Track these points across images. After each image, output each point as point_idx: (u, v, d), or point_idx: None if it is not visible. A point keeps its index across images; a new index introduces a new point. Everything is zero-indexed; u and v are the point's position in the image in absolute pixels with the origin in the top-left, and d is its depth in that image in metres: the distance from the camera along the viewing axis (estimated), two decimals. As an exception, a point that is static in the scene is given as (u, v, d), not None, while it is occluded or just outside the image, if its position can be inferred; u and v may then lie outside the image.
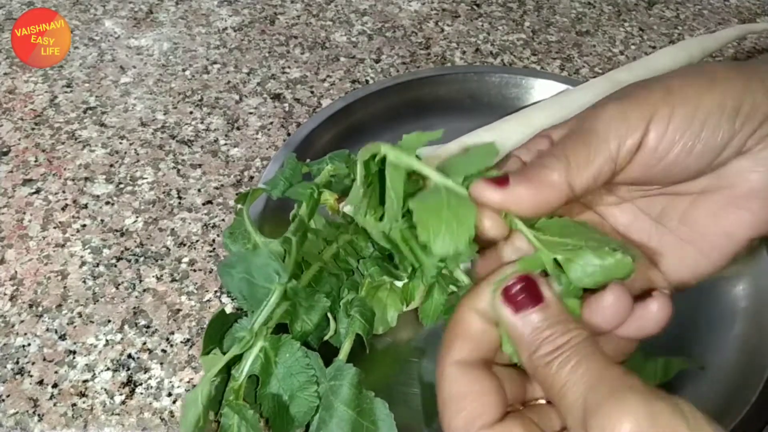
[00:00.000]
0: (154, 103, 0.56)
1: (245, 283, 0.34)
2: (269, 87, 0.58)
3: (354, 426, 0.31)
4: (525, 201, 0.27)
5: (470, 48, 0.64)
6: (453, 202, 0.28)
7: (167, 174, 0.51)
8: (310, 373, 0.32)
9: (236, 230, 0.39)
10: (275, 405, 0.32)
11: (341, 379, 0.32)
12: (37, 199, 0.49)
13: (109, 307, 0.42)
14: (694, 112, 0.28)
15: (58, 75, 0.59)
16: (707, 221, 0.31)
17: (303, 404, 0.32)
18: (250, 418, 0.31)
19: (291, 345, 0.33)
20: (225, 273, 0.36)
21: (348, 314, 0.35)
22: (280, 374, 0.33)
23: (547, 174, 0.27)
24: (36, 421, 0.37)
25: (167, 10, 0.67)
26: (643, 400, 0.23)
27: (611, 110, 0.28)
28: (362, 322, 0.34)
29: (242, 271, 0.34)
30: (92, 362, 0.40)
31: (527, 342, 0.26)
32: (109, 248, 0.46)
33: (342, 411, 0.31)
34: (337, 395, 0.32)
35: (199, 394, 0.32)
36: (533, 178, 0.27)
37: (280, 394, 0.32)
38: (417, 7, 0.69)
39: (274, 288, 0.33)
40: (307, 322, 0.34)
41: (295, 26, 0.65)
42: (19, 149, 0.52)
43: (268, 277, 0.33)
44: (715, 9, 0.70)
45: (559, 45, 0.65)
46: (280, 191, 0.39)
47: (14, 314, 0.42)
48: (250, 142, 0.53)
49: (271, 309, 0.33)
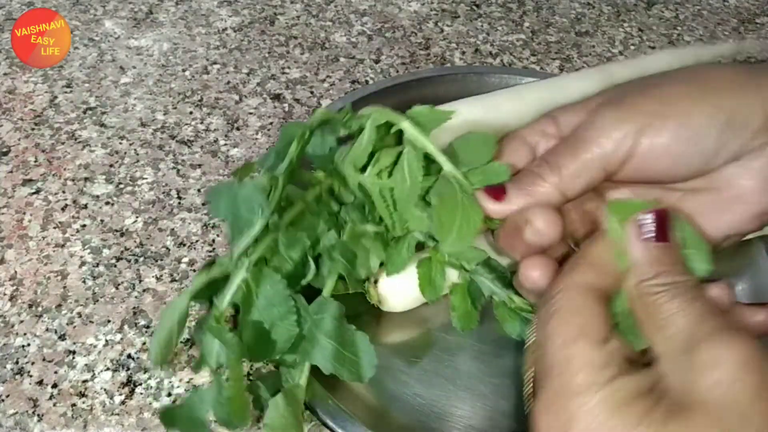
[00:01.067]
0: (154, 103, 0.56)
1: (230, 213, 0.35)
2: (269, 87, 0.58)
3: (336, 355, 0.33)
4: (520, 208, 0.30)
5: (470, 48, 0.64)
6: (465, 203, 0.31)
7: (167, 174, 0.51)
8: (290, 303, 0.33)
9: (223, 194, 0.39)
10: (255, 332, 0.33)
11: (323, 312, 0.33)
12: (37, 199, 0.49)
13: (108, 307, 0.42)
14: (686, 123, 0.29)
15: (58, 75, 0.59)
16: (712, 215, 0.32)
17: (283, 332, 0.33)
18: (228, 339, 0.32)
19: (272, 277, 0.33)
20: (212, 199, 0.36)
21: (331, 257, 0.36)
22: (261, 305, 0.33)
23: (540, 185, 0.31)
24: (36, 422, 0.37)
25: (167, 11, 0.67)
26: (749, 342, 0.24)
27: (607, 118, 0.30)
28: (344, 263, 0.35)
29: (228, 201, 0.35)
30: (92, 362, 0.40)
31: (644, 268, 0.27)
32: (109, 248, 0.46)
33: (324, 342, 0.33)
34: (319, 328, 0.33)
35: (177, 308, 0.33)
36: (528, 190, 0.31)
37: (261, 322, 0.33)
38: (417, 7, 0.69)
39: (256, 220, 0.34)
40: (287, 260, 0.35)
41: (295, 26, 0.65)
42: (19, 149, 0.52)
43: (251, 209, 0.34)
44: (715, 9, 0.70)
45: (558, 45, 0.65)
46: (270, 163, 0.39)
47: (14, 314, 0.42)
48: (250, 143, 0.53)
49: (251, 239, 0.34)
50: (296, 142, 0.36)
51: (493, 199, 0.31)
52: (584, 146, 0.30)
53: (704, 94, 0.29)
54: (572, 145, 0.31)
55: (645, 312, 0.27)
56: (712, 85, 0.30)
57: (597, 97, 0.32)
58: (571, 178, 0.30)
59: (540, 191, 0.30)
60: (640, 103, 0.30)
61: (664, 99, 0.30)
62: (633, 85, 0.31)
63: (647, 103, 0.30)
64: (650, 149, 0.29)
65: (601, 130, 0.30)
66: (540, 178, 0.31)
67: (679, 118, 0.29)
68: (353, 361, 0.33)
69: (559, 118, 0.33)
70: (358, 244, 0.37)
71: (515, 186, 0.31)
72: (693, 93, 0.29)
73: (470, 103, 0.45)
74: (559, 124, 0.33)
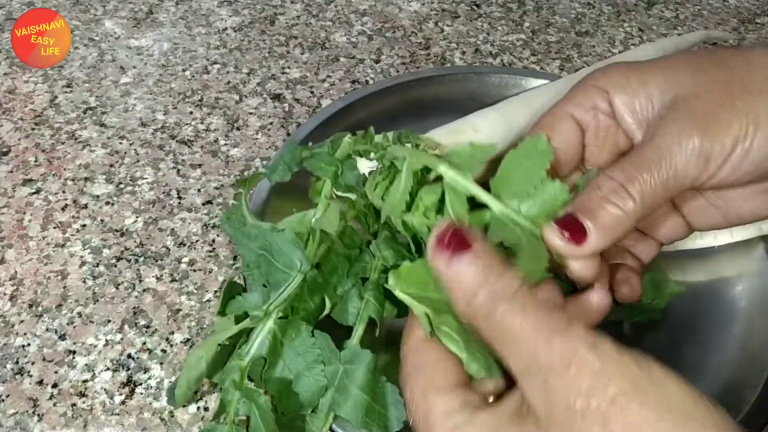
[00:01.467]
0: (154, 103, 0.56)
1: (263, 261, 0.34)
2: (269, 87, 0.58)
3: (368, 409, 0.32)
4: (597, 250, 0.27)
5: (470, 48, 0.64)
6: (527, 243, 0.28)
7: (167, 174, 0.51)
8: (316, 352, 0.33)
9: (233, 215, 0.39)
10: (282, 386, 0.33)
11: (357, 363, 0.32)
12: (37, 199, 0.49)
13: (109, 307, 0.42)
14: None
15: (58, 75, 0.59)
16: (740, 202, 0.32)
17: (310, 384, 0.32)
18: (261, 403, 0.31)
19: (298, 325, 0.33)
20: (242, 243, 0.35)
21: (361, 297, 0.35)
22: (287, 355, 0.33)
23: (620, 217, 0.27)
24: (36, 421, 0.37)
25: (167, 11, 0.67)
26: (586, 336, 0.23)
27: (693, 146, 0.27)
28: (376, 305, 0.34)
29: (261, 247, 0.34)
30: (92, 362, 0.40)
31: (463, 290, 0.25)
32: (109, 248, 0.46)
33: (356, 395, 0.32)
34: (352, 379, 0.32)
35: (204, 355, 0.33)
36: (610, 229, 0.27)
37: (287, 375, 0.33)
38: (417, 7, 0.69)
39: (294, 275, 0.33)
40: (309, 302, 0.34)
41: (295, 26, 0.65)
42: (19, 149, 0.52)
43: (290, 262, 0.33)
44: (715, 9, 0.70)
45: (558, 45, 0.65)
46: (279, 175, 0.38)
47: (14, 314, 0.42)
48: (250, 143, 0.53)
49: (288, 294, 0.33)
50: (330, 182, 0.35)
51: (572, 241, 0.27)
52: (667, 174, 0.27)
53: None
54: (654, 173, 0.27)
55: (485, 331, 0.25)
56: None
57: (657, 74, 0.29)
58: (647, 205, 0.27)
59: (620, 224, 0.27)
60: (729, 123, 0.27)
61: (755, 118, 0.27)
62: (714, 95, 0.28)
63: (737, 124, 0.27)
64: (738, 167, 0.28)
65: (687, 156, 0.27)
66: (618, 209, 0.27)
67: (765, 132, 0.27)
68: (381, 415, 0.32)
69: (612, 93, 0.30)
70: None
71: (594, 222, 0.27)
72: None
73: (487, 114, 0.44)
74: (613, 100, 0.30)
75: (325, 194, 0.35)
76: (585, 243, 0.27)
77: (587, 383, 0.22)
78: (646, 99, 0.29)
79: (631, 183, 0.27)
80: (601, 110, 0.30)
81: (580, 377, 0.22)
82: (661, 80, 0.29)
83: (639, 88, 0.29)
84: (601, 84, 0.30)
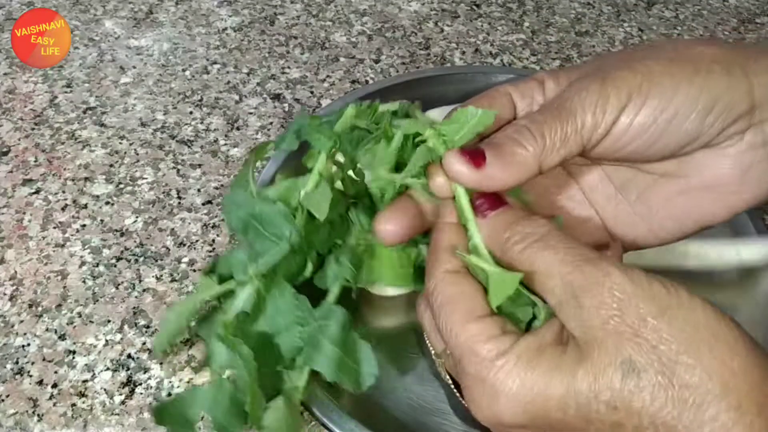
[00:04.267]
0: (154, 103, 0.56)
1: (250, 227, 0.35)
2: (269, 87, 0.58)
3: (339, 363, 0.32)
4: (496, 182, 0.29)
5: (470, 48, 0.64)
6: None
7: (167, 174, 0.51)
8: (297, 313, 0.33)
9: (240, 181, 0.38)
10: (261, 341, 0.33)
11: (330, 319, 0.33)
12: (37, 199, 0.49)
13: (108, 307, 0.42)
14: (667, 104, 0.28)
15: (58, 75, 0.59)
16: (660, 204, 0.32)
17: (287, 343, 0.33)
18: (244, 353, 0.32)
19: (283, 287, 0.34)
20: (229, 208, 0.36)
21: (337, 260, 0.35)
22: (269, 314, 0.33)
23: (522, 154, 0.29)
24: (36, 421, 0.37)
25: (167, 11, 0.67)
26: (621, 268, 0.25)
27: (592, 92, 0.29)
28: (351, 268, 0.35)
29: (248, 214, 0.35)
30: (92, 362, 0.40)
31: (498, 237, 0.28)
32: (109, 248, 0.46)
33: (329, 349, 0.33)
34: (325, 334, 0.33)
35: (185, 309, 0.34)
36: (509, 160, 0.29)
37: (267, 332, 0.33)
38: (417, 7, 0.69)
39: (283, 245, 0.33)
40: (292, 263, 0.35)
41: (295, 26, 0.65)
42: (19, 149, 0.52)
43: (278, 231, 0.34)
44: (715, 9, 0.70)
45: (558, 45, 0.65)
46: (287, 144, 0.38)
47: (14, 314, 0.42)
48: (250, 142, 0.53)
49: (273, 261, 0.33)
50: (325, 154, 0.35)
51: (473, 164, 0.28)
52: (567, 117, 0.29)
53: (690, 74, 0.28)
54: (555, 115, 0.29)
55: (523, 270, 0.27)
56: (699, 65, 0.29)
57: (584, 66, 0.32)
58: (551, 150, 0.29)
59: (520, 161, 0.29)
60: (627, 77, 0.29)
61: (650, 76, 0.29)
62: (618, 59, 0.30)
63: (632, 79, 0.29)
64: (627, 127, 0.29)
65: (583, 101, 0.29)
66: (521, 146, 0.29)
67: (662, 97, 0.28)
68: (354, 370, 0.33)
69: (546, 82, 0.32)
70: (366, 251, 0.36)
71: (495, 153, 0.29)
72: (678, 72, 0.28)
73: None
74: (545, 89, 0.32)
75: (318, 170, 0.35)
76: (483, 168, 0.28)
77: (619, 304, 0.24)
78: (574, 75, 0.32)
79: (535, 124, 0.29)
80: (535, 99, 0.32)
81: (613, 298, 0.25)
82: (588, 66, 0.32)
83: (569, 75, 0.32)
84: (539, 77, 0.33)
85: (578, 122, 0.29)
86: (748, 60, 0.29)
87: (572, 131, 0.29)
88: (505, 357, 0.26)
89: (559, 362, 0.25)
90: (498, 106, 0.32)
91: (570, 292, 0.25)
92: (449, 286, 0.28)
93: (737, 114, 0.28)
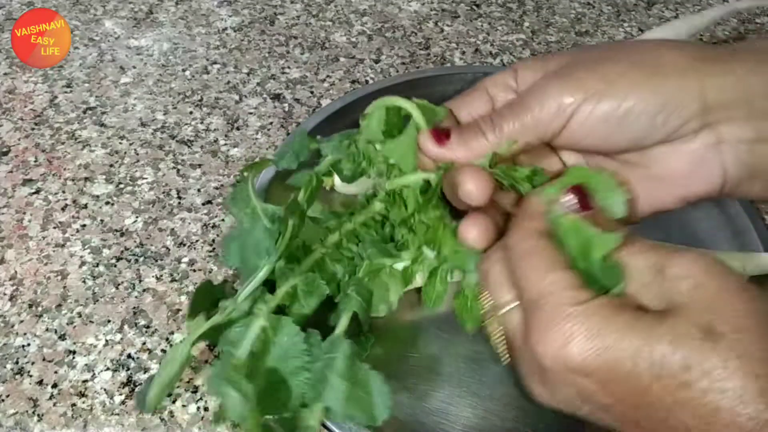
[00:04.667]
0: (154, 103, 0.56)
1: (240, 259, 0.35)
2: (269, 87, 0.58)
3: (348, 396, 0.32)
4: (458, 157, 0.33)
5: (470, 48, 0.64)
6: None
7: (167, 174, 0.51)
8: (305, 358, 0.33)
9: (238, 195, 0.39)
10: (269, 383, 0.33)
11: (335, 351, 0.32)
12: (37, 199, 0.49)
13: (108, 307, 0.42)
14: (620, 104, 0.31)
15: (58, 75, 0.59)
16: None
17: (294, 388, 0.33)
18: (246, 391, 0.31)
19: (290, 327, 0.33)
20: (225, 247, 0.37)
21: (345, 294, 0.35)
22: (276, 355, 0.33)
23: (479, 140, 0.33)
24: (36, 421, 0.37)
25: (167, 11, 0.67)
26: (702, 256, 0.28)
27: (551, 88, 0.32)
28: (358, 300, 0.35)
29: (239, 246, 0.35)
30: (92, 362, 0.40)
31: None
32: (109, 248, 0.46)
33: (336, 382, 0.32)
34: (331, 368, 0.32)
35: (178, 355, 0.34)
36: (469, 143, 0.33)
37: (275, 372, 0.33)
38: (417, 7, 0.69)
39: (263, 265, 0.34)
40: (304, 306, 0.35)
41: (295, 26, 0.65)
42: (19, 149, 0.52)
43: (259, 253, 0.34)
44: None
45: (558, 45, 0.65)
46: (286, 162, 0.38)
47: (14, 314, 0.42)
48: (249, 142, 0.53)
49: (257, 283, 0.34)
50: (304, 190, 0.36)
51: (436, 141, 0.33)
52: (524, 112, 0.32)
53: (646, 77, 0.31)
54: (515, 109, 0.32)
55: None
56: (655, 69, 0.31)
57: (558, 59, 0.34)
58: (508, 139, 0.32)
59: (477, 146, 0.33)
60: (584, 78, 0.31)
61: (606, 77, 0.31)
62: (586, 59, 0.33)
63: (590, 80, 0.31)
64: (582, 123, 0.31)
65: (542, 99, 0.32)
66: (481, 134, 0.33)
67: (615, 97, 0.31)
68: (366, 402, 0.32)
69: (519, 72, 0.35)
70: (375, 280, 0.37)
71: (458, 135, 0.33)
72: (635, 75, 0.31)
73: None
74: (517, 77, 0.35)
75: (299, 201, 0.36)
76: (445, 144, 0.33)
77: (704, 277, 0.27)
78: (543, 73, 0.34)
79: (498, 118, 0.33)
80: (509, 86, 0.35)
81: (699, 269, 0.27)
82: (558, 58, 0.34)
83: (539, 66, 0.34)
84: (513, 67, 0.35)
85: (533, 117, 0.32)
86: (705, 63, 0.31)
87: (527, 124, 0.32)
88: (586, 305, 0.27)
89: (639, 318, 0.26)
90: (473, 101, 0.36)
91: (655, 270, 0.28)
92: (535, 239, 0.30)
93: (688, 115, 0.30)
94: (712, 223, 0.47)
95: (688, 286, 0.27)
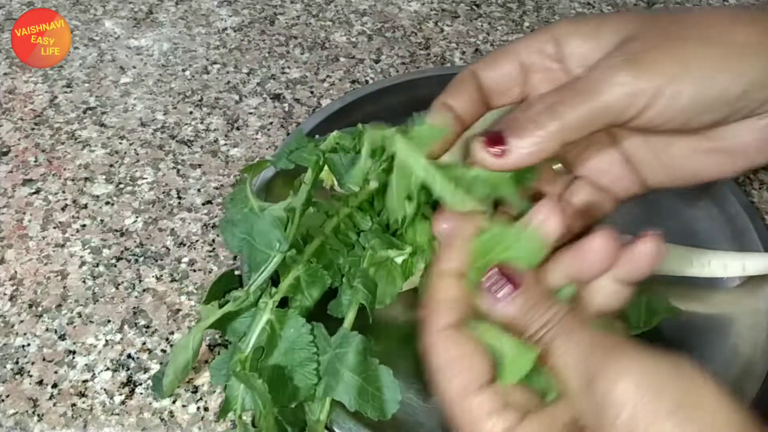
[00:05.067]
0: (154, 103, 0.56)
1: (246, 244, 0.35)
2: (269, 87, 0.58)
3: (360, 391, 0.32)
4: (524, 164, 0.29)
5: (470, 48, 0.64)
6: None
7: (167, 174, 0.51)
8: (312, 350, 0.33)
9: (237, 196, 0.39)
10: (276, 377, 0.33)
11: (347, 346, 0.33)
12: (37, 199, 0.49)
13: (108, 307, 0.42)
14: (707, 88, 0.28)
15: (58, 75, 0.59)
16: (684, 159, 0.33)
17: (302, 380, 0.33)
18: (258, 386, 0.31)
19: (296, 320, 0.33)
20: (226, 230, 0.36)
21: (351, 285, 0.35)
22: (283, 348, 0.33)
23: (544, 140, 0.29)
24: (36, 421, 0.37)
25: (167, 11, 0.67)
26: (638, 358, 0.24)
27: (622, 75, 0.28)
28: (365, 292, 0.35)
29: (244, 231, 0.35)
30: (92, 362, 0.40)
31: (514, 325, 0.27)
32: (109, 248, 0.46)
33: (348, 377, 0.32)
34: (342, 362, 0.32)
35: (191, 340, 0.34)
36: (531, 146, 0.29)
37: (282, 367, 0.33)
38: (417, 7, 0.69)
39: (273, 255, 0.34)
40: (307, 297, 0.35)
41: (295, 26, 0.65)
42: (19, 149, 0.52)
43: (269, 243, 0.34)
44: (715, 9, 0.70)
45: (558, 45, 0.65)
46: (284, 163, 0.38)
47: (14, 314, 0.42)
48: (249, 142, 0.53)
49: (268, 275, 0.34)
50: (311, 170, 0.35)
51: (493, 151, 0.29)
52: (591, 96, 0.28)
53: (723, 58, 0.29)
54: (580, 97, 0.29)
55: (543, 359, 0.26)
56: (733, 48, 0.29)
57: (613, 25, 0.31)
58: (571, 130, 0.29)
59: (543, 144, 0.29)
60: (659, 61, 0.28)
61: (681, 60, 0.28)
62: (651, 34, 0.30)
63: (665, 63, 0.28)
64: (660, 111, 0.29)
65: (612, 84, 0.28)
66: (541, 129, 0.29)
67: (693, 84, 0.28)
68: (376, 397, 0.32)
69: (562, 40, 0.31)
70: (379, 272, 0.36)
71: (515, 135, 0.29)
72: (714, 56, 0.29)
73: None
74: (561, 46, 0.31)
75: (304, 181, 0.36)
76: (505, 156, 0.29)
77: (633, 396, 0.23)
78: (597, 44, 0.31)
79: (559, 105, 0.29)
80: (548, 54, 0.32)
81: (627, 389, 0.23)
82: (612, 27, 0.31)
83: (591, 33, 0.31)
84: (552, 31, 0.32)
85: (607, 109, 0.29)
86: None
87: (598, 112, 0.29)
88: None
89: None
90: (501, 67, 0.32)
91: (586, 382, 0.25)
92: (449, 346, 0.27)
93: (765, 97, 0.29)
94: (712, 223, 0.47)
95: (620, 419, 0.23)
